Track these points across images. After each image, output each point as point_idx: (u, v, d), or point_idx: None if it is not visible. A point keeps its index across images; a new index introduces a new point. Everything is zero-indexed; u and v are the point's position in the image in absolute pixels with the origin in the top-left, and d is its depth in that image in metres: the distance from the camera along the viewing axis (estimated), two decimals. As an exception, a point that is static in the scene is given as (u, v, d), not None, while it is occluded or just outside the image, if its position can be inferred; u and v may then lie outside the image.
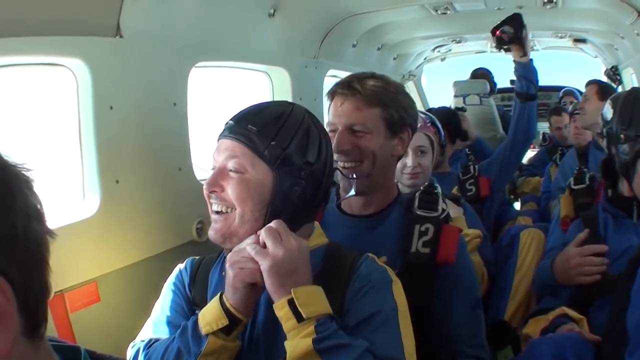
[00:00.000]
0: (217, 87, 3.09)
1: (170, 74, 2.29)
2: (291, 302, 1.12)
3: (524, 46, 2.85)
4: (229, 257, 1.20)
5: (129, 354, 1.35)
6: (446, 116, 3.19)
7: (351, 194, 1.51)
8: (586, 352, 1.54)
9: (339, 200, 1.63)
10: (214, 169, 1.28)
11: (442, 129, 2.82)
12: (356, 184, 1.51)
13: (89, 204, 1.99)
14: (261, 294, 1.19)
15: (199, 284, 1.38)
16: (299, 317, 1.12)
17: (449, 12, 3.61)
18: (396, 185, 1.78)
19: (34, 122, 2.07)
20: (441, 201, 1.65)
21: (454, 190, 2.87)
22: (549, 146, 4.54)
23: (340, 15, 3.42)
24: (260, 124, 1.24)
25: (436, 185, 1.76)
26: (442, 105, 4.55)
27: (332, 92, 1.62)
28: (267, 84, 3.26)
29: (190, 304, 1.37)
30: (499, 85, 5.67)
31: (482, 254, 2.22)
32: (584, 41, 5.12)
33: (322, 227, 1.41)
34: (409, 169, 2.28)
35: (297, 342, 1.12)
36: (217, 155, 1.27)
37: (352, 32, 3.77)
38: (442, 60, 6.05)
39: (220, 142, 1.28)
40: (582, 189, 2.32)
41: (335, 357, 1.10)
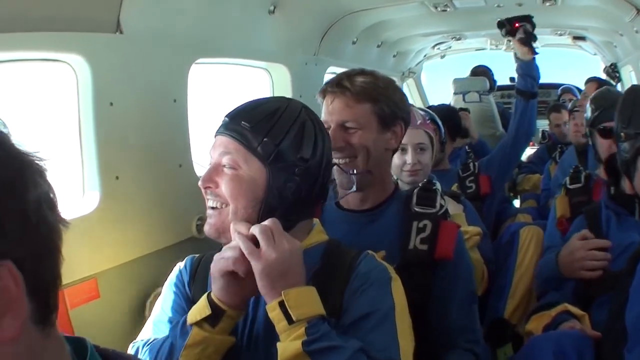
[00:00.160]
0: (218, 83, 3.09)
1: (170, 70, 2.29)
2: (282, 304, 1.12)
3: (531, 46, 2.89)
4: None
5: (129, 352, 1.34)
6: (446, 113, 3.20)
7: (353, 190, 1.51)
8: (586, 349, 1.54)
9: (336, 197, 1.63)
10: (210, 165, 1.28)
11: (442, 126, 2.82)
12: (355, 180, 1.51)
13: (88, 200, 1.98)
14: (251, 287, 1.18)
15: (198, 282, 1.37)
16: (289, 319, 1.11)
17: (448, 9, 3.61)
18: (393, 180, 1.78)
19: (33, 118, 2.06)
20: (439, 197, 1.65)
21: (454, 187, 2.87)
22: (549, 144, 4.54)
23: (340, 12, 3.42)
24: (253, 120, 1.23)
25: (435, 181, 1.76)
26: (442, 102, 4.56)
27: (323, 90, 1.63)
28: (267, 81, 3.26)
29: (190, 302, 1.36)
30: (499, 82, 5.68)
31: (482, 251, 2.22)
32: (583, 39, 5.13)
33: (321, 220, 1.41)
34: (408, 166, 2.27)
35: (287, 344, 1.12)
36: (212, 151, 1.27)
37: (352, 29, 3.77)
38: (442, 57, 6.06)
39: (215, 138, 1.28)
40: (577, 188, 2.32)
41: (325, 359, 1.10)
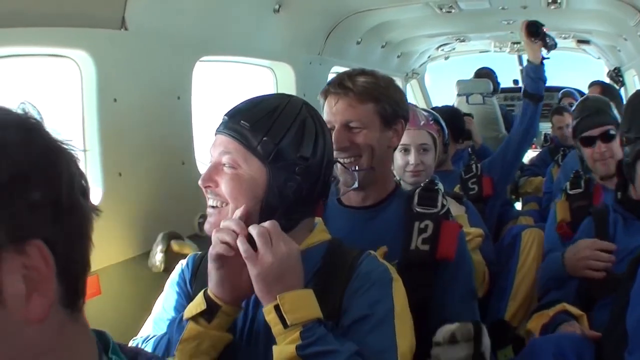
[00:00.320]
0: (223, 81, 3.09)
1: (174, 67, 2.29)
2: (277, 308, 1.11)
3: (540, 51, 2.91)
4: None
5: None
6: (450, 115, 3.19)
7: (355, 187, 1.51)
8: (586, 352, 1.54)
9: (338, 194, 1.63)
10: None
11: (446, 128, 2.82)
12: (358, 177, 1.51)
13: (91, 196, 1.98)
14: (246, 286, 1.17)
15: (199, 279, 1.36)
16: (284, 323, 1.11)
17: (453, 10, 3.61)
18: (394, 177, 1.78)
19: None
20: (441, 197, 1.65)
21: (456, 189, 2.87)
22: (551, 147, 4.53)
23: (345, 11, 3.43)
24: (252, 119, 1.22)
25: (437, 182, 1.76)
26: (445, 104, 4.55)
27: (325, 91, 1.63)
28: (272, 80, 3.26)
29: (191, 300, 1.36)
30: (502, 85, 5.67)
31: (484, 253, 2.22)
32: (587, 42, 5.13)
33: (323, 218, 1.40)
34: (411, 167, 2.26)
35: (282, 347, 1.11)
36: (212, 150, 1.26)
37: (356, 29, 3.77)
38: (446, 59, 6.07)
39: (216, 137, 1.27)
40: (578, 194, 2.34)
41: None
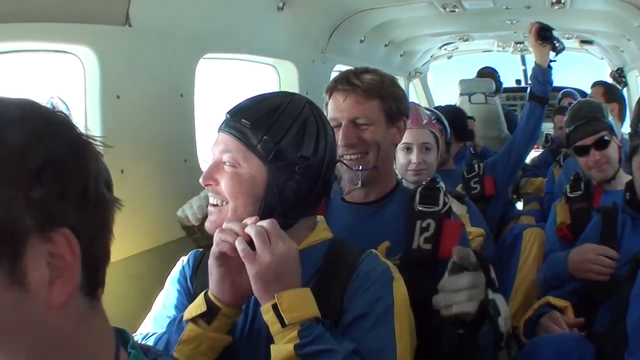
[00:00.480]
0: (227, 78, 3.09)
1: (178, 64, 2.29)
2: (275, 307, 1.12)
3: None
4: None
5: None
6: (453, 114, 3.19)
7: (357, 187, 1.51)
8: (587, 353, 1.55)
9: (342, 193, 1.63)
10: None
11: (448, 127, 2.82)
12: (362, 175, 1.52)
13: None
14: (246, 287, 1.16)
15: (200, 277, 1.36)
16: (282, 322, 1.11)
17: (457, 9, 3.60)
18: (395, 174, 1.80)
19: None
20: (443, 195, 1.65)
21: (459, 188, 2.87)
22: (553, 147, 4.53)
23: (348, 10, 3.43)
24: (253, 117, 1.22)
25: (439, 180, 1.77)
26: (448, 103, 4.55)
27: (331, 88, 1.64)
28: (275, 78, 3.26)
29: (191, 297, 1.35)
30: (505, 84, 5.66)
31: (485, 252, 2.22)
32: (590, 42, 5.11)
33: (325, 216, 1.41)
34: (413, 165, 2.27)
35: (280, 347, 1.11)
36: (214, 148, 1.27)
37: (360, 27, 3.77)
38: (449, 58, 6.06)
39: (217, 135, 1.27)
40: (578, 196, 2.34)
41: None
